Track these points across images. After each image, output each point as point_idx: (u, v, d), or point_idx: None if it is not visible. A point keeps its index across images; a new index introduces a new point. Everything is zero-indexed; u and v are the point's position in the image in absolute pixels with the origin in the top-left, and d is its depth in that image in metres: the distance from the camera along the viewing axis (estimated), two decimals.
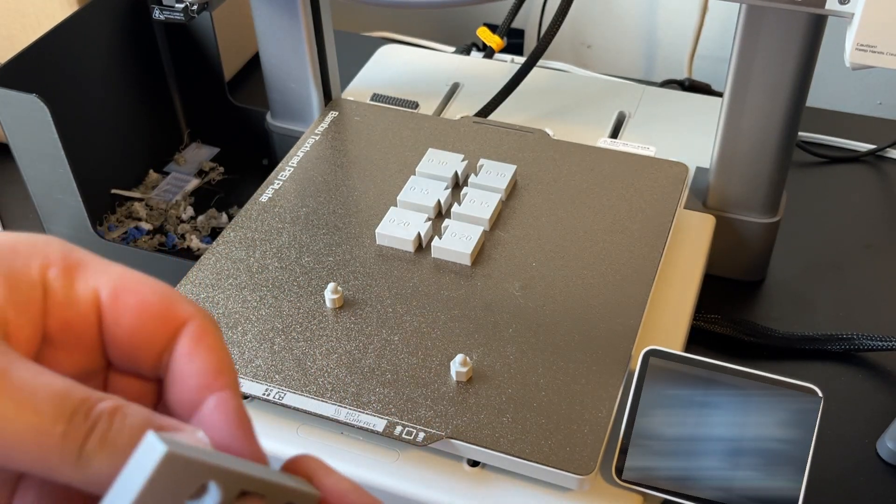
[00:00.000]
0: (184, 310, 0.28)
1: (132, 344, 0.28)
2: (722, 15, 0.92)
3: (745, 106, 0.59)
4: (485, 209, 0.59)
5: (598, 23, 1.01)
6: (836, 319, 0.66)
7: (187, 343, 0.28)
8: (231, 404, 0.27)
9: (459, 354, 0.51)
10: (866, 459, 0.57)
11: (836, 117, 0.84)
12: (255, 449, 0.27)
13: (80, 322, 0.27)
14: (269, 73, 0.72)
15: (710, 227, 0.64)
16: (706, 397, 0.49)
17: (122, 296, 0.27)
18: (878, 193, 0.77)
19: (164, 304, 0.28)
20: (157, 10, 0.65)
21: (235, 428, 0.27)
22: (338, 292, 0.55)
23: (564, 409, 0.49)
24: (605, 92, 0.77)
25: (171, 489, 0.23)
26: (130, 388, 0.29)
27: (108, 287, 0.27)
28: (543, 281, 0.56)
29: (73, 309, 0.27)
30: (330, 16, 0.70)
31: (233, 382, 0.28)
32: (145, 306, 0.27)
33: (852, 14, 0.48)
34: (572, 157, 0.65)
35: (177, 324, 0.28)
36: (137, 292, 0.27)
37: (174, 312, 0.28)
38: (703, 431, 0.48)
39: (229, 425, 0.27)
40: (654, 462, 0.48)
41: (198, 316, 0.28)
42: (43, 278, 0.27)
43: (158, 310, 0.27)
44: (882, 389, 0.61)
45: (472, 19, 1.04)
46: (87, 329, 0.27)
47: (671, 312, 0.57)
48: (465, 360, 0.50)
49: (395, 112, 0.71)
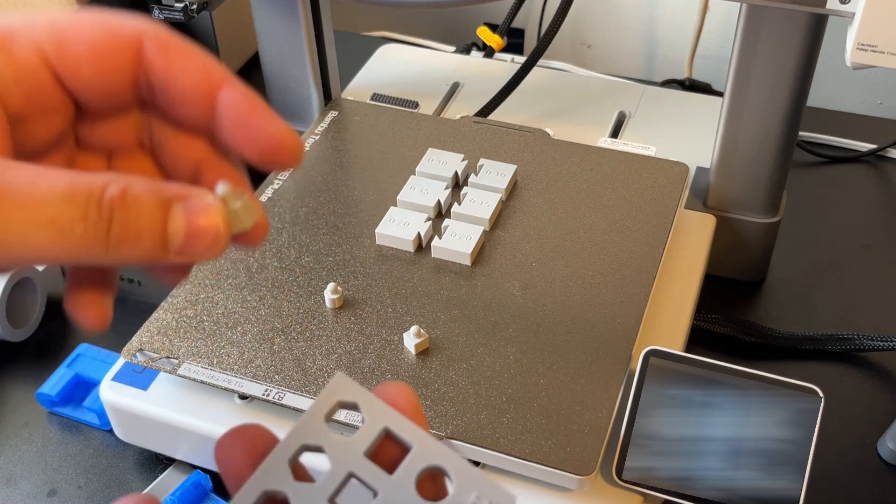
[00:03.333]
0: (131, 31, 0.27)
1: (99, 85, 0.27)
2: (722, 14, 0.92)
3: (746, 106, 0.59)
4: (485, 209, 0.59)
5: (598, 22, 1.01)
6: (837, 319, 0.66)
7: (158, 59, 0.27)
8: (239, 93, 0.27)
9: (413, 325, 0.52)
10: (867, 459, 0.57)
11: (836, 117, 0.84)
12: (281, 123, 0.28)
13: (38, 88, 0.27)
14: (268, 72, 0.72)
15: (710, 227, 0.64)
16: (706, 397, 0.49)
17: (69, 47, 0.27)
18: (878, 193, 0.76)
19: (111, 36, 0.27)
20: (157, 9, 0.65)
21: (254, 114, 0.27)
22: (338, 292, 0.55)
23: (564, 409, 0.49)
24: (606, 92, 0.77)
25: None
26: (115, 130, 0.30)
27: (49, 41, 0.27)
28: (543, 281, 0.56)
29: (27, 79, 0.26)
30: (330, 15, 0.70)
31: (225, 74, 0.28)
32: (95, 47, 0.27)
33: (853, 13, 0.48)
34: (572, 157, 0.65)
35: (132, 48, 0.27)
36: (80, 37, 0.27)
37: (123, 39, 0.27)
38: (703, 431, 0.48)
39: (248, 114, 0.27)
40: (654, 462, 0.48)
41: (148, 30, 0.28)
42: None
43: (108, 44, 0.27)
44: (882, 389, 0.61)
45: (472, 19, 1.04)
46: (46, 90, 0.27)
47: (671, 312, 0.57)
48: (418, 330, 0.51)
49: (395, 112, 0.71)
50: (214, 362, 0.52)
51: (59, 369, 0.61)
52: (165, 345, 0.53)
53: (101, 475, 0.57)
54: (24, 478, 0.57)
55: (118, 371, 0.55)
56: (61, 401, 0.60)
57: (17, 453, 0.59)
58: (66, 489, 0.57)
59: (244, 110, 0.27)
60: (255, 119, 0.27)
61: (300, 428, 0.27)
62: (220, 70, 0.28)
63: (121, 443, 0.58)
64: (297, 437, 0.27)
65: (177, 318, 0.54)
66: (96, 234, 0.24)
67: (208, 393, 0.53)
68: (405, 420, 0.27)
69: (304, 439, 0.27)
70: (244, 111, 0.27)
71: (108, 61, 0.27)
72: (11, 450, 0.59)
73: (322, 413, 0.27)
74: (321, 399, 0.28)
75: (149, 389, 0.54)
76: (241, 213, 0.27)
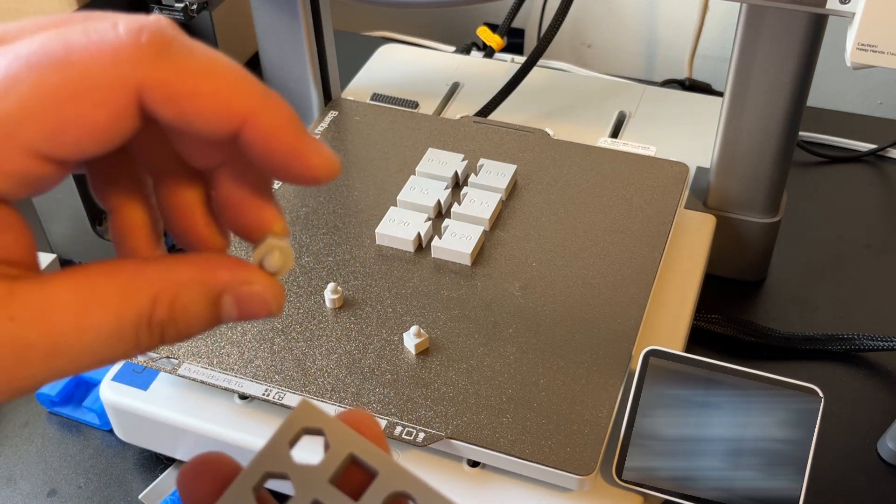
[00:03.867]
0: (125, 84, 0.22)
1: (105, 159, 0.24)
2: (722, 14, 0.92)
3: (746, 106, 0.59)
4: (485, 209, 0.59)
5: (598, 22, 1.01)
6: (837, 319, 0.65)
7: (165, 113, 0.23)
8: (265, 125, 0.24)
9: (413, 325, 0.51)
10: (867, 459, 0.57)
11: (836, 117, 0.84)
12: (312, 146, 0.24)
13: (40, 182, 0.23)
14: (268, 72, 0.72)
15: (710, 227, 0.64)
16: (706, 397, 0.49)
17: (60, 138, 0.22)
18: (878, 193, 0.76)
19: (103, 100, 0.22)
20: (157, 9, 0.65)
21: (282, 147, 0.24)
22: (338, 292, 0.55)
23: (565, 409, 0.49)
24: (606, 91, 0.77)
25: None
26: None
27: (43, 140, 0.22)
28: (543, 281, 0.56)
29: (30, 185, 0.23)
30: (330, 15, 0.70)
31: (250, 101, 0.24)
32: (92, 133, 0.22)
33: (853, 14, 0.48)
34: (572, 157, 0.65)
35: (131, 106, 0.22)
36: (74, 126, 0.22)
37: (118, 103, 0.22)
38: (703, 432, 0.48)
39: (276, 146, 0.24)
40: (654, 462, 0.48)
41: (148, 80, 0.22)
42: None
43: (104, 117, 0.22)
44: (883, 389, 0.61)
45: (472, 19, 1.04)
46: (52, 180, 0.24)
47: (671, 312, 0.57)
48: (418, 330, 0.51)
49: (394, 112, 0.71)
50: (214, 362, 0.52)
51: None
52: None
53: (101, 475, 0.57)
54: (24, 478, 0.57)
55: (118, 371, 0.55)
56: (61, 401, 0.60)
57: (17, 453, 0.59)
58: (65, 489, 0.57)
59: (271, 148, 0.24)
60: (286, 155, 0.24)
61: (263, 455, 0.27)
62: (242, 96, 0.24)
63: (121, 443, 0.57)
64: (261, 465, 0.27)
65: None
66: (150, 348, 0.24)
67: (208, 393, 0.53)
68: (371, 445, 0.27)
69: (267, 466, 0.27)
70: (271, 149, 0.24)
71: (107, 138, 0.23)
72: (11, 450, 0.59)
73: (286, 439, 0.27)
74: (285, 425, 0.27)
75: (149, 389, 0.54)
76: (283, 266, 0.26)
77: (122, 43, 0.22)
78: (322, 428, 0.27)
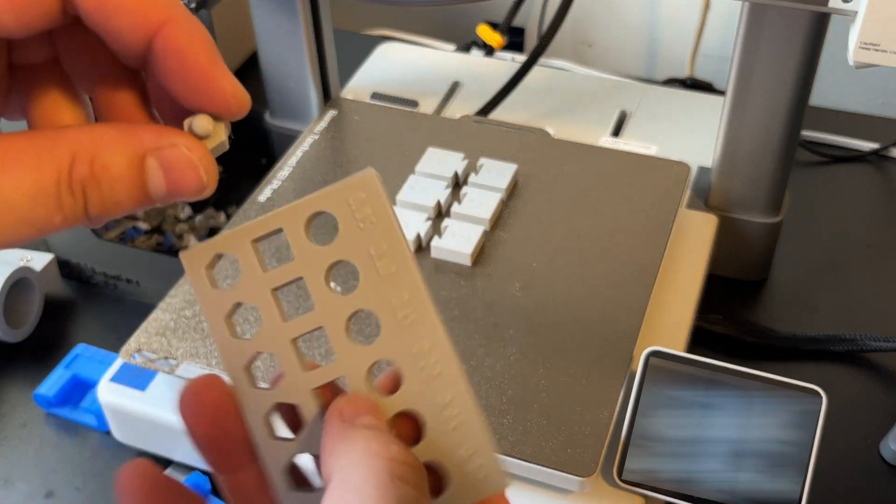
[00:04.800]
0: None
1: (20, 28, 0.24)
2: (724, 13, 0.92)
3: (748, 105, 0.59)
4: (485, 209, 0.59)
5: (599, 21, 1.01)
6: (839, 320, 0.65)
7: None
8: (180, 39, 0.24)
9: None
10: (869, 461, 0.57)
11: (838, 116, 0.83)
12: (224, 75, 0.24)
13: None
14: (267, 71, 0.72)
15: (712, 227, 0.63)
16: (708, 398, 0.49)
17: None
18: (881, 193, 0.76)
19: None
20: None
21: (195, 68, 0.24)
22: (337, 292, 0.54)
23: (565, 410, 0.48)
24: (607, 91, 0.77)
25: None
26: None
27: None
28: (544, 281, 0.55)
29: None
30: (329, 14, 0.69)
31: (171, 9, 0.24)
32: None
33: (855, 12, 0.48)
34: (573, 157, 0.64)
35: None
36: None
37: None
38: (704, 433, 0.48)
39: (188, 68, 0.24)
40: (655, 463, 0.48)
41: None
42: None
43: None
44: (885, 390, 0.61)
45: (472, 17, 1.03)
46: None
47: (673, 313, 0.57)
48: None
49: (394, 111, 0.71)
50: (213, 363, 0.52)
51: (57, 370, 0.60)
52: (164, 345, 0.53)
53: (98, 477, 0.57)
54: (22, 479, 0.57)
55: (116, 372, 0.55)
56: (59, 402, 0.60)
57: (15, 455, 0.59)
58: (63, 491, 0.56)
59: (185, 63, 0.24)
60: (197, 75, 0.24)
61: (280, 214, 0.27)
62: (163, 4, 0.24)
63: (118, 444, 0.57)
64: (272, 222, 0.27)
65: (175, 319, 0.54)
66: (76, 215, 0.23)
67: None
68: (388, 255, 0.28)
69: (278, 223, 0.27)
70: (185, 64, 0.24)
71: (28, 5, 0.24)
72: (9, 451, 0.59)
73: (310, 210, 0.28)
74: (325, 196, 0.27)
75: (147, 390, 0.54)
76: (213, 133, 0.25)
77: None
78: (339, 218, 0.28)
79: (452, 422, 0.27)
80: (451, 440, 0.27)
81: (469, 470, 0.26)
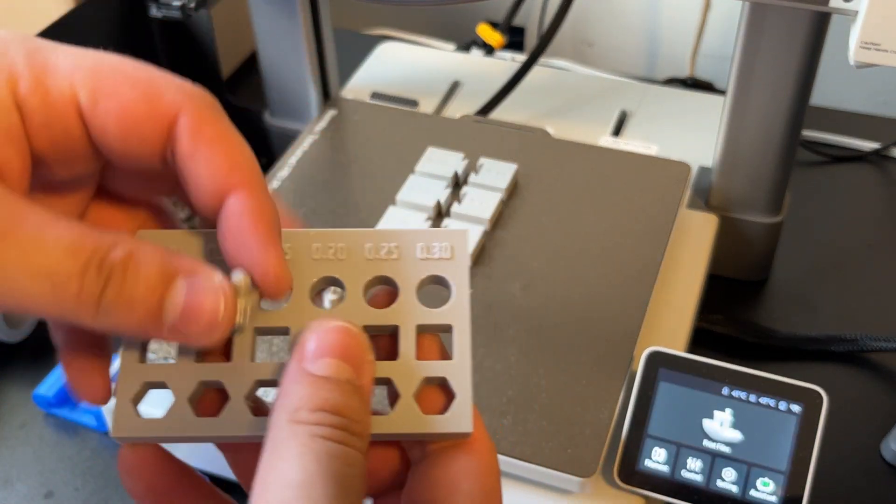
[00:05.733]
0: (170, 102, 0.25)
1: (126, 150, 0.26)
2: (725, 12, 0.92)
3: (749, 104, 0.59)
4: (485, 209, 0.59)
5: (599, 20, 1.01)
6: (840, 320, 0.65)
7: (186, 141, 0.25)
8: (247, 205, 0.25)
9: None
10: (870, 461, 0.57)
11: (839, 116, 0.83)
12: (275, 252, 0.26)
13: (66, 136, 0.25)
14: (267, 71, 0.71)
15: (712, 227, 0.63)
16: (708, 399, 0.49)
17: (102, 101, 0.25)
18: (882, 192, 0.76)
19: (148, 102, 0.25)
20: (154, 7, 0.64)
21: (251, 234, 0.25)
22: (337, 293, 0.54)
23: (566, 410, 0.48)
24: (607, 90, 0.77)
25: None
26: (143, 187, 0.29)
27: (86, 89, 0.25)
28: (544, 281, 0.55)
29: (56, 125, 0.25)
30: (328, 13, 0.69)
31: (248, 177, 0.26)
32: (127, 110, 0.25)
33: (856, 12, 0.48)
34: (573, 156, 0.64)
35: (166, 121, 0.25)
36: (116, 94, 0.25)
37: (160, 109, 0.25)
38: (705, 433, 0.48)
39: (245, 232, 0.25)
40: (655, 464, 0.48)
41: (188, 105, 0.26)
42: (15, 98, 0.24)
43: (143, 110, 0.25)
44: (886, 391, 0.61)
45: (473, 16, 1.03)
46: (74, 140, 0.25)
47: (674, 313, 0.57)
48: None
49: (394, 110, 0.71)
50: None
51: (56, 370, 0.60)
52: (163, 345, 0.52)
53: (97, 477, 0.57)
54: (21, 479, 0.57)
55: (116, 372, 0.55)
56: (58, 402, 0.60)
57: (14, 455, 0.58)
58: (62, 491, 0.56)
59: (244, 226, 0.25)
60: (251, 241, 0.25)
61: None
62: (244, 170, 0.26)
63: (118, 445, 0.57)
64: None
65: None
66: (90, 295, 0.23)
67: None
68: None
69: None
70: (243, 228, 0.25)
71: (137, 129, 0.25)
72: (8, 451, 0.59)
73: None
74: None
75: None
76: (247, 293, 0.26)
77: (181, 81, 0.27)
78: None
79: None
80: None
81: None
